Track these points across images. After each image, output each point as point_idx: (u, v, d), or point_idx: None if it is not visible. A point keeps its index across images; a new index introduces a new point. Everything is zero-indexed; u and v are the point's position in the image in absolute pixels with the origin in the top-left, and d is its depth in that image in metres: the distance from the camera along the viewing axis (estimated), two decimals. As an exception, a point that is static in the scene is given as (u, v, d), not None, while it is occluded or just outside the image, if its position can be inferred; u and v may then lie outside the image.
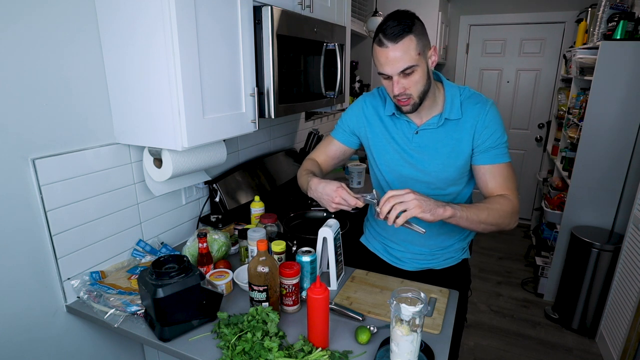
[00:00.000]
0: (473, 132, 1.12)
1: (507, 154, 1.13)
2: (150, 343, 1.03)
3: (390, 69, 1.02)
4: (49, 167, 1.07)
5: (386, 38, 0.99)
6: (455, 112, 1.13)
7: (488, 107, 1.12)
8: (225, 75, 1.19)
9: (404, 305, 0.84)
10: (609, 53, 2.26)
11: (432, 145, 1.16)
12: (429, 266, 1.33)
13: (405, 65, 1.01)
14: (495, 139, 1.11)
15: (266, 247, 1.04)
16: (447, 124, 1.14)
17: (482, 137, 1.11)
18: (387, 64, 1.02)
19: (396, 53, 0.99)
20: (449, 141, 1.15)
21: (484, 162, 1.13)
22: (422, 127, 1.16)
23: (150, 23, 1.02)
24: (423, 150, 1.17)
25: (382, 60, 1.02)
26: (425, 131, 1.16)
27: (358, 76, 3.23)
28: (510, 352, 2.31)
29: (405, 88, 1.04)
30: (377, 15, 2.91)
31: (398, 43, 0.99)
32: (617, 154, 2.37)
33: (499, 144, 1.12)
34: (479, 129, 1.11)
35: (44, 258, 1.10)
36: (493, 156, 1.12)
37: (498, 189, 1.12)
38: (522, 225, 4.11)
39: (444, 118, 1.14)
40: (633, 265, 2.03)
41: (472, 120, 1.12)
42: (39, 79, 1.03)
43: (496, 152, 1.12)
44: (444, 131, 1.15)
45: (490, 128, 1.11)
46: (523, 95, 3.94)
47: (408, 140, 1.19)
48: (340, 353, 0.95)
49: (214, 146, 1.34)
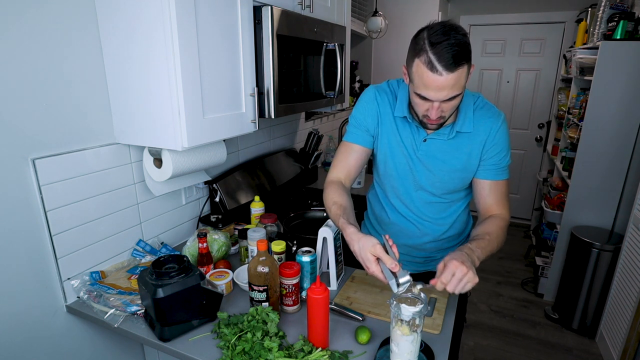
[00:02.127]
0: (482, 146, 1.11)
1: (507, 171, 1.14)
2: (150, 343, 1.03)
3: (436, 95, 0.93)
4: (49, 167, 1.07)
5: (441, 64, 0.88)
6: (468, 125, 1.09)
7: (500, 124, 1.10)
8: (225, 75, 1.19)
9: (404, 305, 0.84)
10: (609, 53, 2.26)
11: (440, 156, 1.13)
12: (428, 269, 1.33)
13: (453, 94, 0.94)
14: (501, 157, 1.11)
15: (266, 247, 1.04)
16: (458, 137, 1.11)
17: (490, 153, 1.11)
18: (435, 91, 0.92)
19: (449, 82, 0.90)
20: (459, 155, 1.12)
21: (486, 177, 1.13)
22: (432, 136, 1.11)
23: (150, 23, 1.02)
24: (429, 159, 1.14)
25: (430, 85, 0.92)
26: (434, 140, 1.12)
27: (358, 76, 3.24)
28: (510, 352, 2.31)
29: (443, 111, 0.98)
30: (377, 15, 2.91)
31: (454, 72, 0.89)
32: (617, 154, 2.37)
33: (503, 161, 1.12)
34: (488, 144, 1.10)
35: (44, 258, 1.10)
36: (495, 173, 1.12)
37: (494, 205, 1.13)
38: (522, 225, 4.11)
39: (455, 131, 1.09)
40: (633, 265, 2.03)
41: (483, 134, 1.10)
42: (39, 79, 1.03)
43: (499, 168, 1.12)
44: (455, 145, 1.11)
45: (498, 146, 1.10)
46: (523, 95, 3.94)
47: (415, 147, 1.14)
48: (340, 353, 0.95)
49: (214, 146, 1.34)
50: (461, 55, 0.89)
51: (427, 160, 1.14)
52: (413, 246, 1.30)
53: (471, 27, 3.95)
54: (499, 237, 1.05)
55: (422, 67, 0.91)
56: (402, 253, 1.32)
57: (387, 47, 3.42)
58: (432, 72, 0.90)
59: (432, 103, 0.96)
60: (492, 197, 1.13)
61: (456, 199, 1.23)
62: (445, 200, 1.21)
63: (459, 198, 1.24)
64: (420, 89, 0.95)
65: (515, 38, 3.82)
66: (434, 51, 0.88)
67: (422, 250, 1.30)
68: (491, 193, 1.13)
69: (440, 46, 0.88)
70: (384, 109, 1.16)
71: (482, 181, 1.13)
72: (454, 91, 0.93)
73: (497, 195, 1.12)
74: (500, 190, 1.13)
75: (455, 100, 0.97)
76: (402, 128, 1.15)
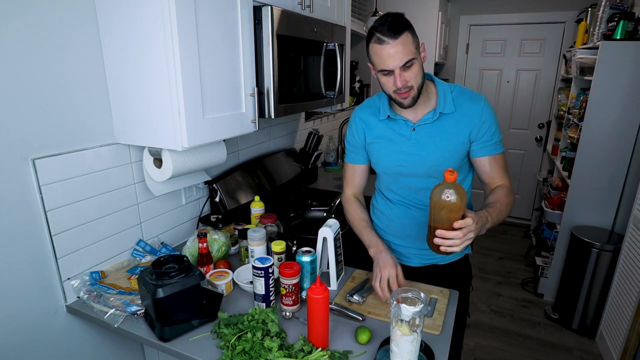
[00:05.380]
0: (471, 127, 1.20)
1: (501, 145, 1.24)
2: (150, 343, 1.03)
3: (392, 63, 1.07)
4: (49, 167, 1.07)
5: (385, 35, 1.05)
6: (449, 106, 1.19)
7: (482, 103, 1.20)
8: (225, 75, 1.19)
9: (404, 305, 0.84)
10: (609, 53, 2.26)
11: (429, 139, 1.21)
12: (434, 261, 1.35)
13: (406, 59, 1.06)
14: (492, 132, 1.21)
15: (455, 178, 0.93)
16: (442, 118, 1.20)
17: (481, 132, 1.20)
18: (389, 59, 1.06)
19: (397, 48, 1.05)
20: (445, 134, 1.20)
21: (484, 154, 1.22)
22: (419, 123, 1.21)
23: (150, 23, 1.02)
24: (421, 145, 1.22)
25: (384, 56, 1.07)
26: (422, 127, 1.22)
27: (358, 76, 3.23)
28: (510, 352, 2.31)
29: (406, 80, 1.09)
30: (377, 15, 2.91)
31: (398, 39, 1.04)
32: (617, 154, 2.37)
33: (495, 137, 1.22)
34: (477, 124, 1.19)
35: (44, 258, 1.10)
36: (491, 149, 1.21)
37: (498, 177, 1.23)
38: (522, 225, 4.11)
39: (438, 112, 1.19)
40: (633, 265, 2.03)
41: (468, 115, 1.19)
42: (39, 79, 1.03)
43: (493, 144, 1.22)
44: (440, 125, 1.21)
45: (487, 123, 1.19)
46: (523, 95, 3.93)
47: (406, 138, 1.23)
48: (340, 353, 0.95)
49: (214, 146, 1.34)
50: (398, 24, 1.05)
51: (420, 146, 1.22)
52: (419, 239, 1.31)
53: (471, 27, 3.95)
54: (508, 204, 1.18)
55: (375, 46, 1.08)
56: (409, 246, 1.34)
57: (387, 47, 3.41)
58: (381, 45, 1.06)
59: (394, 73, 1.08)
60: (494, 171, 1.23)
61: None
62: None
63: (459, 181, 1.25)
64: (379, 65, 1.09)
65: (515, 38, 3.82)
66: (378, 30, 1.06)
67: None
68: (492, 168, 1.23)
69: (380, 25, 1.06)
70: (369, 120, 1.30)
71: (482, 158, 1.23)
72: (406, 56, 1.06)
73: (498, 168, 1.23)
74: (499, 163, 1.23)
75: (414, 68, 1.09)
76: (392, 125, 1.26)
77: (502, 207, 1.15)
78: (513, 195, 1.23)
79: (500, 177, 1.23)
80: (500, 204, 1.16)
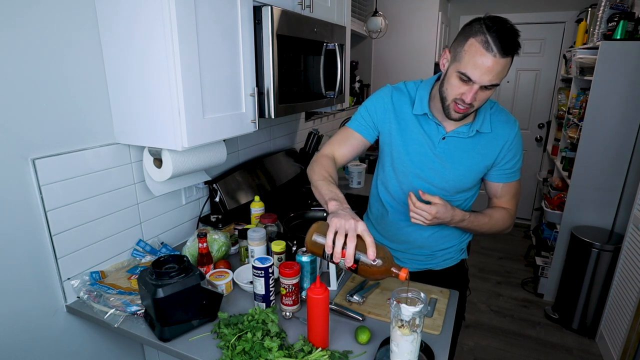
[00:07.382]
0: (498, 152, 1.15)
1: (519, 172, 1.19)
2: (150, 343, 1.03)
3: (482, 77, 0.94)
4: (49, 167, 1.07)
5: (497, 46, 0.90)
6: (486, 126, 1.13)
7: (516, 130, 1.15)
8: (225, 75, 1.19)
9: (404, 305, 0.84)
10: (609, 53, 2.26)
11: (457, 154, 1.15)
12: (428, 267, 1.33)
13: (495, 81, 0.95)
14: (515, 162, 1.17)
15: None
16: (477, 136, 1.14)
17: (506, 159, 1.15)
18: (482, 72, 0.93)
19: (498, 67, 0.93)
20: (475, 155, 1.15)
21: (500, 180, 1.18)
22: (451, 133, 1.14)
23: (150, 23, 1.02)
24: (447, 157, 1.15)
25: (480, 64, 0.93)
26: (453, 138, 1.14)
27: (358, 76, 3.23)
28: (510, 352, 2.31)
29: (475, 99, 0.99)
30: (377, 15, 2.91)
31: (505, 58, 0.92)
32: (617, 154, 2.37)
33: (517, 166, 1.18)
34: (505, 149, 1.15)
35: (44, 258, 1.10)
36: (508, 176, 1.18)
37: (505, 202, 1.21)
38: (522, 225, 4.11)
39: (474, 129, 1.12)
40: (633, 265, 2.03)
41: (501, 139, 1.14)
42: (39, 79, 1.03)
43: (512, 172, 1.18)
44: (472, 143, 1.14)
45: (513, 151, 1.15)
46: (523, 95, 3.94)
47: (433, 145, 1.16)
48: (340, 353, 0.95)
49: (214, 146, 1.34)
50: (513, 44, 0.92)
51: (445, 158, 1.16)
52: (415, 244, 1.30)
53: (471, 27, 3.95)
54: (497, 222, 1.15)
55: (477, 46, 0.93)
56: (404, 251, 1.33)
57: (387, 47, 3.42)
58: (486, 51, 0.91)
59: (472, 86, 0.97)
60: (504, 197, 1.20)
61: (462, 199, 1.24)
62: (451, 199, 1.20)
63: (465, 198, 1.25)
64: (467, 68, 0.95)
65: (515, 38, 3.82)
66: (492, 33, 0.91)
67: (422, 247, 1.31)
68: (503, 193, 1.20)
69: (498, 29, 0.91)
70: (400, 108, 1.18)
71: (496, 183, 1.19)
72: (497, 79, 0.95)
73: (509, 195, 1.20)
74: (511, 190, 1.20)
75: (491, 91, 0.99)
76: (424, 124, 1.16)
77: (490, 221, 1.14)
78: (511, 221, 1.18)
79: (507, 202, 1.19)
80: (490, 219, 1.15)
